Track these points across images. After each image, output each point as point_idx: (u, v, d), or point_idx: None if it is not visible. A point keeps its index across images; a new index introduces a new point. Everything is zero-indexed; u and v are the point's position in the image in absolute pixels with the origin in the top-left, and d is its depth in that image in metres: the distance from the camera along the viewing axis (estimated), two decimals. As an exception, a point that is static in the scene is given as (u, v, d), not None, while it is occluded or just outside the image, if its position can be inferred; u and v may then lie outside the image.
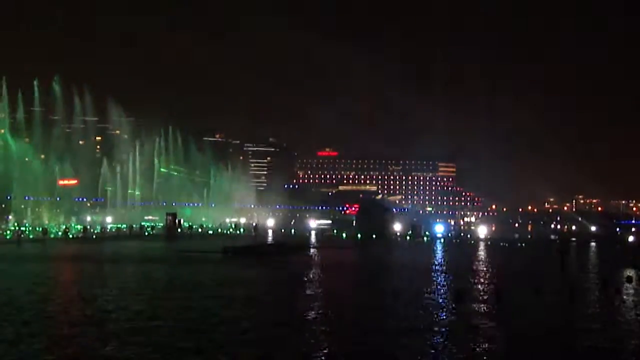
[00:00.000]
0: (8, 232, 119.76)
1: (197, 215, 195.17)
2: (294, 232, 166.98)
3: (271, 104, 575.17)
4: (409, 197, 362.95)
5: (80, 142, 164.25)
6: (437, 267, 72.07)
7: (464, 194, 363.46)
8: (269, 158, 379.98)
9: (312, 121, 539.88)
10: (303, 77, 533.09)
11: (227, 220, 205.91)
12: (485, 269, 70.66)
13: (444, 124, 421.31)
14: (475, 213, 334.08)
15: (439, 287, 52.42)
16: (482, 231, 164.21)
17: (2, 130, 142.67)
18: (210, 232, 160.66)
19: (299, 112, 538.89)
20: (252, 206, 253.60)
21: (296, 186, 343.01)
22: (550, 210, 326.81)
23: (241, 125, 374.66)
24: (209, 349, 26.80)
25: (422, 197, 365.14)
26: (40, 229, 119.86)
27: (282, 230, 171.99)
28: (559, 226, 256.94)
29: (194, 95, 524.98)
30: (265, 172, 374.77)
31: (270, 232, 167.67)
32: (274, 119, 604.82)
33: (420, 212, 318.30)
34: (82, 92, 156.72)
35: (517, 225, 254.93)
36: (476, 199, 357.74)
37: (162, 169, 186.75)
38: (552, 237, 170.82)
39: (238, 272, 61.11)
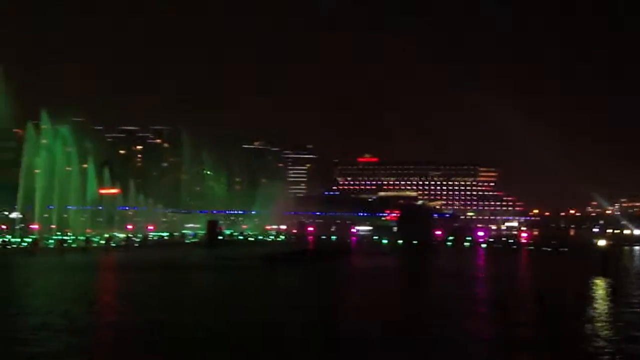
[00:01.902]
0: (51, 241, 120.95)
1: (238, 222, 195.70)
2: (335, 238, 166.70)
3: (311, 111, 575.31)
4: (450, 202, 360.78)
5: (122, 152, 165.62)
6: (482, 275, 71.42)
7: (505, 198, 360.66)
8: (308, 165, 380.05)
9: (351, 127, 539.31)
10: (342, 82, 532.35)
11: (268, 227, 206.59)
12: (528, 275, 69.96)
13: (484, 128, 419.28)
14: (516, 218, 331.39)
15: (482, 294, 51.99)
16: (524, 236, 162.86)
17: (44, 141, 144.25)
18: (251, 239, 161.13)
19: (338, 118, 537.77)
20: (292, 213, 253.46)
21: (336, 193, 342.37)
22: (594, 214, 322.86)
23: (281, 132, 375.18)
24: None
25: (462, 203, 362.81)
26: (83, 238, 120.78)
27: (323, 237, 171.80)
28: (602, 230, 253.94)
29: (233, 102, 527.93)
30: (304, 179, 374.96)
31: (310, 238, 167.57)
32: (313, 126, 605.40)
33: (461, 217, 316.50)
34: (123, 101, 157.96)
35: (559, 229, 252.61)
36: (517, 203, 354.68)
37: (204, 177, 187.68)
38: (595, 241, 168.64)
39: (283, 279, 61.04)
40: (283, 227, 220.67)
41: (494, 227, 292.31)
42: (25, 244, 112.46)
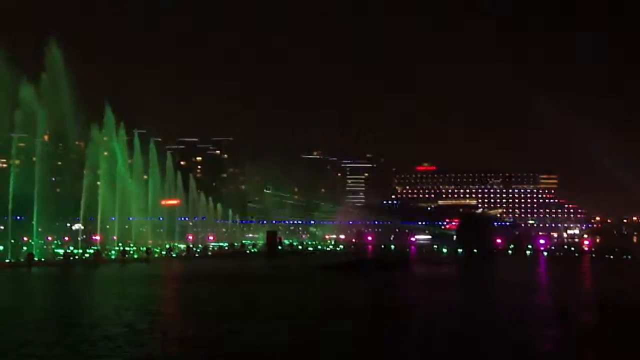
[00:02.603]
0: (113, 252, 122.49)
1: (298, 232, 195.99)
2: (394, 247, 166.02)
3: (368, 120, 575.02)
4: (510, 210, 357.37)
5: (182, 163, 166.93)
6: (546, 283, 70.38)
7: (566, 205, 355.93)
8: (366, 174, 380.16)
9: (410, 136, 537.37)
10: (399, 93, 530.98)
11: (327, 236, 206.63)
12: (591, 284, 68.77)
13: (544, 135, 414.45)
14: (578, 225, 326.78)
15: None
16: (586, 243, 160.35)
17: (106, 153, 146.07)
18: (311, 249, 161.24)
19: (397, 127, 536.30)
20: (351, 222, 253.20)
21: (395, 201, 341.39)
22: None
23: (338, 142, 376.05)
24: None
25: (523, 210, 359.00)
26: (144, 248, 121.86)
27: (382, 246, 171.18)
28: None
29: (291, 112, 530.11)
30: (363, 188, 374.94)
31: (369, 248, 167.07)
32: (372, 135, 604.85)
33: (522, 225, 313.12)
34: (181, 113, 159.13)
35: (622, 236, 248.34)
36: (579, 210, 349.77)
37: (264, 190, 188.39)
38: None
39: (345, 289, 60.78)
40: (342, 236, 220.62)
41: (555, 234, 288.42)
42: (88, 255, 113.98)
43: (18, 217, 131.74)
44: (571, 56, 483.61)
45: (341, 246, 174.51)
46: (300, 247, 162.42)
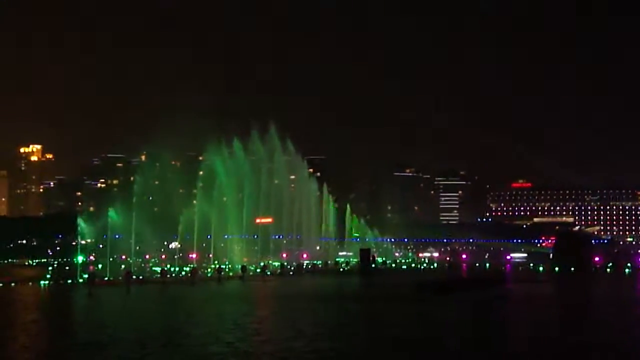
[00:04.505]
0: (209, 270, 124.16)
1: (391, 250, 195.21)
2: (489, 265, 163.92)
3: (463, 138, 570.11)
4: (608, 227, 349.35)
5: (276, 181, 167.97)
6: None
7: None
8: (460, 192, 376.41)
9: (504, 152, 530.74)
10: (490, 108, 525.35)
11: (421, 254, 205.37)
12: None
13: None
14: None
15: None
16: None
17: (202, 172, 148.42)
18: (404, 267, 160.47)
19: (490, 144, 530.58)
20: (445, 240, 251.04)
21: (489, 219, 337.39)
22: None
23: (432, 159, 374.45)
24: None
25: (621, 227, 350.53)
26: (239, 266, 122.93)
27: (477, 264, 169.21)
28: None
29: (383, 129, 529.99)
30: (457, 206, 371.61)
31: (464, 266, 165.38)
32: (465, 152, 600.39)
33: (620, 242, 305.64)
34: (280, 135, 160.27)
35: None
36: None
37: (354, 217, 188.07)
38: None
39: (441, 309, 60.28)
40: (436, 254, 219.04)
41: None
42: (184, 272, 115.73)
43: (117, 236, 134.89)
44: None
45: (435, 264, 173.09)
46: (393, 264, 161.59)
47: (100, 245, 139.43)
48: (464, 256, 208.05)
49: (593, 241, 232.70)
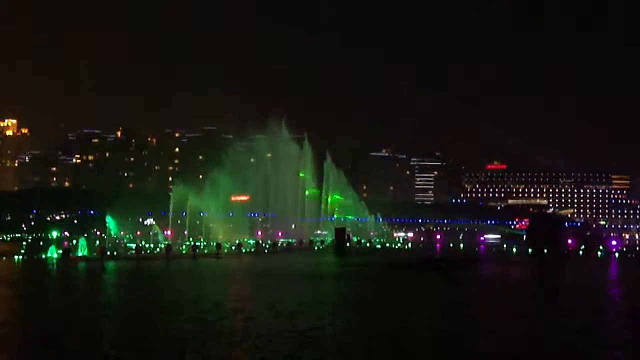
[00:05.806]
0: (184, 247, 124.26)
1: (365, 229, 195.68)
2: (462, 246, 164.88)
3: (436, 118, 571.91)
4: (581, 210, 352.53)
5: (252, 160, 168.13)
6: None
7: (638, 206, 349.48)
8: (435, 172, 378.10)
9: (479, 134, 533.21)
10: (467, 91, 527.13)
11: (395, 234, 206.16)
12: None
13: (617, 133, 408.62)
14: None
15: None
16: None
17: (178, 149, 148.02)
18: (378, 246, 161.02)
19: (466, 125, 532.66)
20: (420, 221, 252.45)
21: (464, 200, 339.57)
22: None
23: (408, 140, 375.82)
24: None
25: (594, 211, 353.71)
26: (214, 244, 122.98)
27: (451, 245, 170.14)
28: None
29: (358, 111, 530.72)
30: (432, 187, 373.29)
31: (438, 246, 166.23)
32: (441, 133, 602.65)
33: (593, 226, 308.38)
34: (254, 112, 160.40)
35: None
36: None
37: (334, 196, 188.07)
38: None
39: (420, 287, 60.68)
40: (410, 234, 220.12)
41: (627, 236, 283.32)
42: (159, 249, 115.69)
43: (91, 212, 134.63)
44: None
45: (409, 244, 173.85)
46: (368, 244, 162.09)
47: (75, 221, 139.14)
48: (438, 236, 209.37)
49: (566, 224, 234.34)
